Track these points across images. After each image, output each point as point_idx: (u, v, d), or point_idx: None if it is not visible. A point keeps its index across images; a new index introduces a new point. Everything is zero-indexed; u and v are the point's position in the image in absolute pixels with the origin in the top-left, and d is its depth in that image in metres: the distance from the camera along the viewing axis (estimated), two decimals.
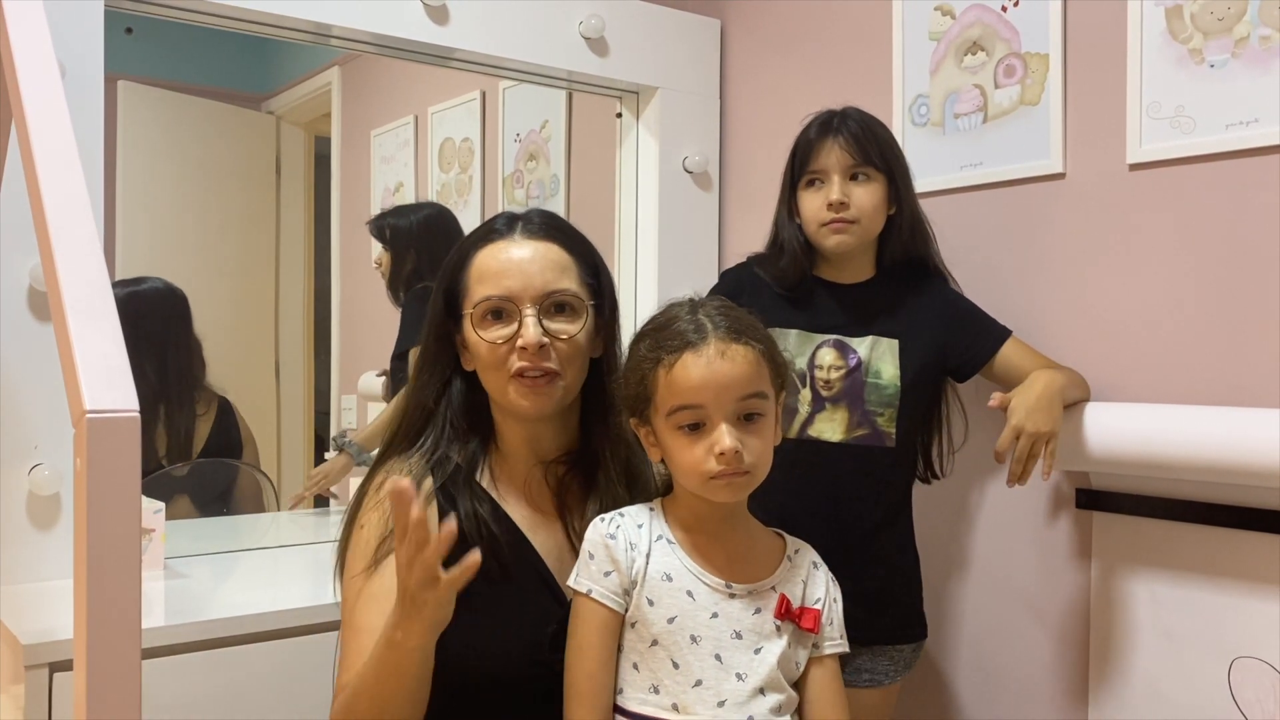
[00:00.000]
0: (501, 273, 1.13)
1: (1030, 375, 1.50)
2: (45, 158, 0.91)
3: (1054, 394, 1.46)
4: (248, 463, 2.21)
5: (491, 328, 1.13)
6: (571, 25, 2.07)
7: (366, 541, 1.12)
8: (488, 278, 1.14)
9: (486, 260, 1.15)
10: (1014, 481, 1.44)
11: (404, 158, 2.55)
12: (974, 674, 1.79)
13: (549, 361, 1.12)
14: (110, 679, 0.73)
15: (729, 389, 1.05)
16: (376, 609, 1.06)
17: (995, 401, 1.46)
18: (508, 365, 1.12)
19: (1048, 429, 1.43)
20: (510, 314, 1.13)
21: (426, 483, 1.13)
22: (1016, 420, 1.43)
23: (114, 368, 0.78)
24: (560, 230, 1.18)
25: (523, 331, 1.11)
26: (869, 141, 1.54)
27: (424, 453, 1.17)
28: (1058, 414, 1.45)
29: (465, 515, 1.12)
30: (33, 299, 1.52)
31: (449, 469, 1.16)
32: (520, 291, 1.13)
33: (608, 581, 1.07)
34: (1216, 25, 1.49)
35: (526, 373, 1.12)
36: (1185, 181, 1.52)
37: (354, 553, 1.13)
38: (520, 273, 1.13)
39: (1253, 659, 1.42)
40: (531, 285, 1.13)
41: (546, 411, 1.15)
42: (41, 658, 1.27)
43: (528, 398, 1.13)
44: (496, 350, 1.13)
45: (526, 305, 1.12)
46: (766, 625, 1.07)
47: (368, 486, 1.17)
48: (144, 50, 2.05)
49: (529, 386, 1.12)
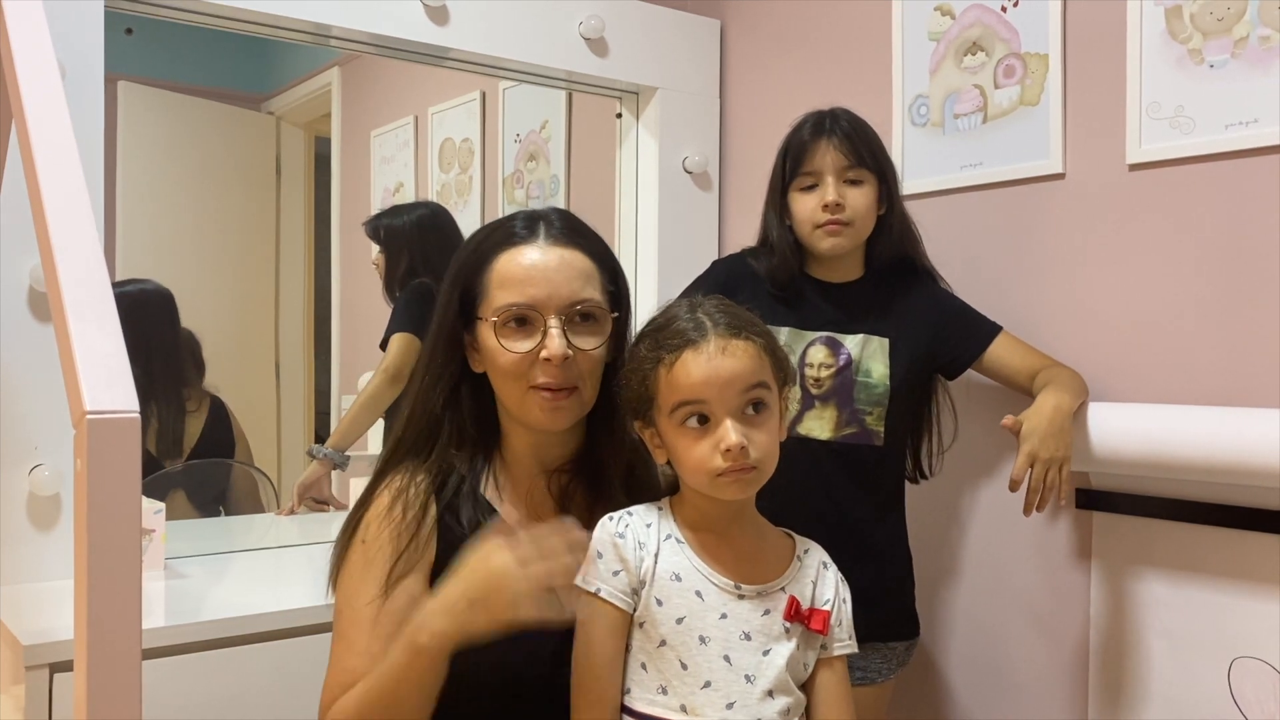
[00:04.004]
0: (526, 279, 1.10)
1: (1039, 396, 1.48)
2: (45, 158, 0.90)
3: (1065, 416, 1.44)
4: (241, 461, 2.21)
5: (514, 337, 1.10)
6: (571, 25, 2.07)
7: (371, 561, 1.09)
8: (511, 284, 1.10)
9: (509, 265, 1.11)
10: (1030, 511, 1.42)
11: (404, 158, 2.55)
12: (974, 675, 1.79)
13: (570, 375, 1.10)
14: (110, 679, 0.73)
15: (731, 384, 1.04)
16: (383, 639, 1.04)
17: (1007, 422, 1.44)
18: (528, 376, 1.10)
19: (1062, 454, 1.41)
20: (534, 323, 1.10)
21: (430, 512, 1.11)
22: (1030, 447, 1.40)
23: (114, 368, 0.78)
24: (583, 235, 1.15)
25: (547, 343, 1.08)
26: (861, 142, 1.55)
27: (429, 469, 1.14)
28: (1069, 438, 1.44)
29: (469, 527, 1.10)
30: (33, 299, 1.52)
31: (454, 483, 1.13)
32: (545, 300, 1.09)
33: (616, 581, 1.06)
34: (1216, 25, 1.49)
35: (548, 387, 1.09)
36: (1185, 181, 1.52)
37: (354, 568, 1.10)
38: (546, 281, 1.10)
39: (1253, 659, 1.42)
40: (557, 294, 1.10)
41: (564, 426, 1.13)
42: (42, 658, 1.27)
43: (547, 413, 1.10)
44: (518, 361, 1.10)
45: (551, 315, 1.09)
46: (776, 627, 1.07)
47: (370, 497, 1.14)
48: (144, 51, 2.05)
49: (549, 402, 1.10)
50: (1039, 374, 1.54)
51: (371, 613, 1.07)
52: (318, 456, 2.16)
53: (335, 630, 1.11)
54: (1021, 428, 1.42)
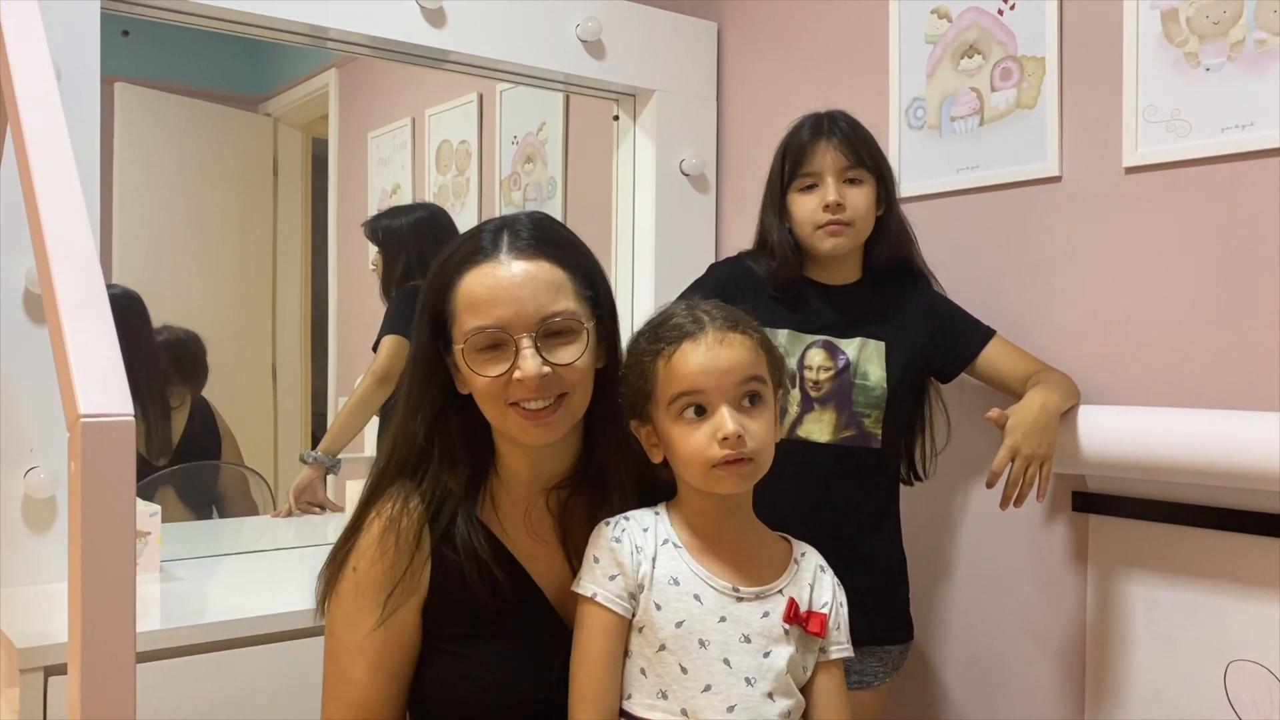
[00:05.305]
0: (491, 300, 1.05)
1: (1027, 394, 1.48)
2: (41, 160, 0.90)
3: (1051, 414, 1.45)
4: (232, 461, 2.21)
5: (486, 362, 1.05)
6: (568, 28, 2.07)
7: (363, 591, 1.07)
8: (477, 306, 1.05)
9: (474, 286, 1.06)
10: (1008, 505, 1.43)
11: (401, 160, 2.55)
12: (970, 678, 1.79)
13: (552, 389, 1.06)
14: (105, 683, 0.73)
15: (729, 374, 1.05)
16: (375, 670, 1.05)
17: (993, 415, 1.44)
18: (506, 395, 1.06)
19: (1043, 452, 1.42)
20: (505, 344, 1.05)
21: (425, 540, 1.09)
22: (1013, 440, 1.41)
23: (109, 371, 0.78)
24: (549, 243, 1.09)
25: (520, 364, 1.04)
26: (860, 143, 1.55)
27: (422, 494, 1.10)
28: (1053, 436, 1.44)
29: (465, 554, 1.08)
30: (28, 301, 1.52)
31: (449, 509, 1.10)
32: (513, 320, 1.04)
33: (613, 585, 1.05)
34: (1212, 29, 1.49)
35: (528, 403, 1.05)
36: (1181, 184, 1.52)
37: (345, 597, 1.08)
38: (511, 299, 1.04)
39: (1249, 662, 1.42)
40: (524, 312, 1.04)
41: (554, 439, 1.09)
42: (36, 661, 1.26)
43: (529, 431, 1.07)
44: (492, 384, 1.05)
45: (521, 335, 1.04)
46: (775, 629, 1.06)
47: (361, 523, 1.10)
48: (140, 52, 2.04)
49: (532, 420, 1.06)
50: (1031, 378, 1.55)
51: (368, 644, 1.06)
52: (309, 461, 2.16)
53: (328, 657, 1.09)
54: (1007, 422, 1.43)
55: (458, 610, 1.08)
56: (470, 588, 1.07)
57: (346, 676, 1.06)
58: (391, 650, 1.07)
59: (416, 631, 1.09)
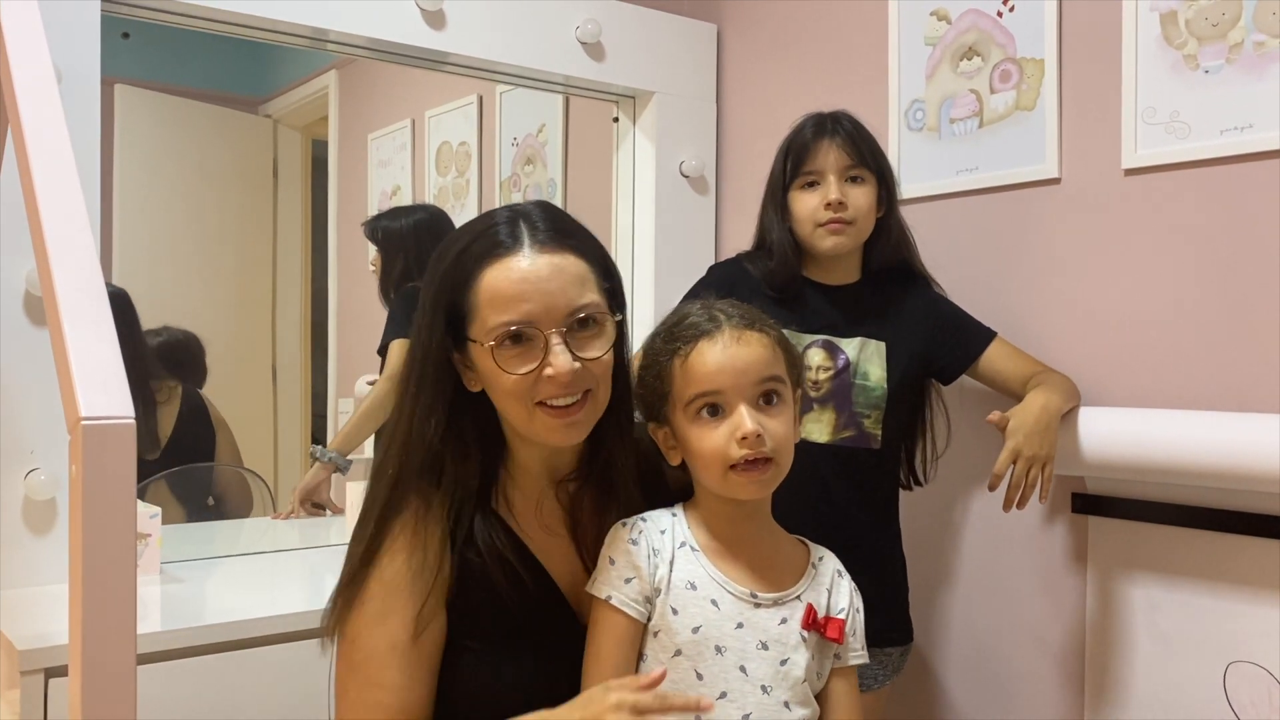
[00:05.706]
0: (519, 295, 1.01)
1: (1028, 396, 1.48)
2: (41, 162, 0.90)
3: (1052, 416, 1.45)
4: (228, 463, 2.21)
5: (514, 359, 1.02)
6: (568, 30, 2.07)
7: (393, 590, 1.03)
8: (502, 302, 1.01)
9: (498, 281, 1.02)
10: (1010, 507, 1.43)
11: (401, 161, 2.55)
12: (970, 680, 1.79)
13: (580, 385, 1.03)
14: (105, 684, 0.73)
15: (746, 372, 1.03)
16: (411, 669, 1.02)
17: (993, 418, 1.44)
18: (534, 393, 1.03)
19: (1045, 453, 1.42)
20: (533, 340, 1.02)
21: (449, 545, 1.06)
22: (1015, 442, 1.41)
23: (109, 373, 0.78)
24: (571, 234, 1.07)
25: (551, 360, 1.01)
26: (863, 143, 1.55)
27: (441, 500, 1.07)
28: (1054, 438, 1.45)
29: (490, 556, 1.06)
30: (28, 304, 1.52)
31: (469, 510, 1.07)
32: (543, 315, 1.01)
33: (628, 588, 1.03)
34: (1211, 31, 1.49)
35: (557, 401, 1.03)
36: (1180, 186, 1.53)
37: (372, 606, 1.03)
38: (540, 293, 1.01)
39: (1249, 664, 1.42)
40: (555, 307, 1.01)
41: (582, 439, 1.07)
42: (37, 663, 1.27)
43: (557, 432, 1.04)
44: (520, 381, 1.02)
45: (551, 330, 1.01)
46: (793, 636, 1.04)
47: (384, 532, 1.06)
48: (141, 54, 2.05)
49: (560, 418, 1.03)
50: (1031, 379, 1.55)
51: (401, 642, 1.03)
52: (321, 459, 2.15)
53: (347, 670, 1.05)
54: (1008, 424, 1.43)
55: (480, 609, 1.06)
56: (494, 587, 1.05)
57: (377, 683, 1.02)
58: (425, 645, 1.03)
59: (444, 631, 1.06)
